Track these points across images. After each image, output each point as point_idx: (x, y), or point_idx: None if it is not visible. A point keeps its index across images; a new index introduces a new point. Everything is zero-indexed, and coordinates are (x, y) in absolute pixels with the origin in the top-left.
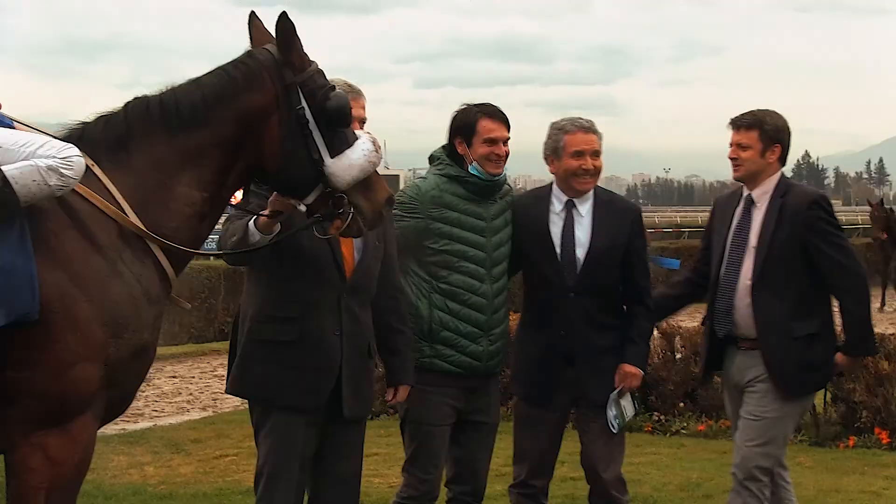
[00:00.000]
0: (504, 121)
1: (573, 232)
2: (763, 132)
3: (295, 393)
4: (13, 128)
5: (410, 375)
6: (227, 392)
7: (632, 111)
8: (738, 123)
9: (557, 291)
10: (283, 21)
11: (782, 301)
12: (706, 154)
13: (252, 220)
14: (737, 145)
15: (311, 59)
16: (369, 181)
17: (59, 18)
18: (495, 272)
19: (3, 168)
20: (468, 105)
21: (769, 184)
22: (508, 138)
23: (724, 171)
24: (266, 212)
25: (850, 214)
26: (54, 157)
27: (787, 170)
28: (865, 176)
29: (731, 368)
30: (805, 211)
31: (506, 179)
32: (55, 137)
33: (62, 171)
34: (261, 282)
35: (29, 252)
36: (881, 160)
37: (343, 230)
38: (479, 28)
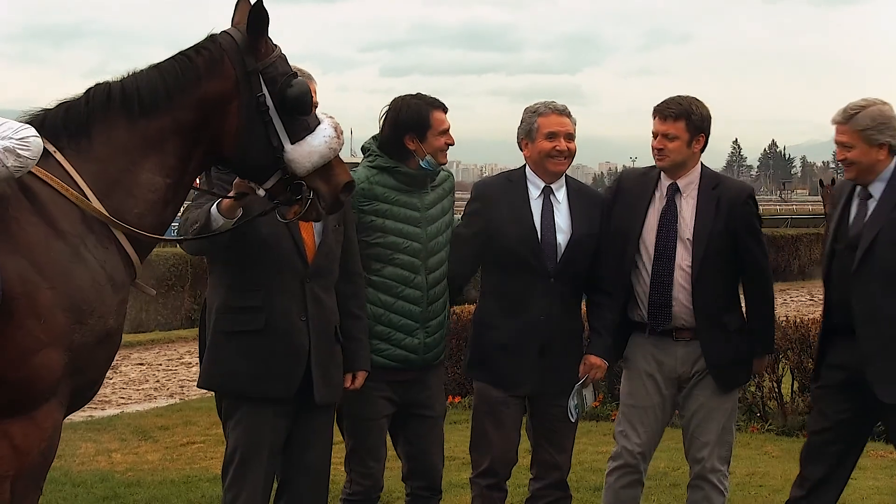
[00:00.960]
0: (447, 110)
1: (553, 218)
2: (690, 122)
3: (265, 383)
4: None
5: (368, 362)
6: (198, 386)
7: (598, 100)
8: (665, 113)
9: (538, 276)
10: (259, 8)
11: (718, 294)
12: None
13: (215, 205)
14: (663, 135)
15: (275, 44)
16: (329, 166)
17: (25, 4)
18: (431, 263)
19: None
20: (406, 99)
21: (694, 174)
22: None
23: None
24: (231, 193)
25: (818, 205)
26: (10, 137)
27: (753, 159)
28: (832, 165)
29: (665, 358)
30: (741, 206)
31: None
32: (12, 121)
33: (19, 151)
34: (224, 272)
35: None
36: None
37: (302, 214)
38: (445, 16)
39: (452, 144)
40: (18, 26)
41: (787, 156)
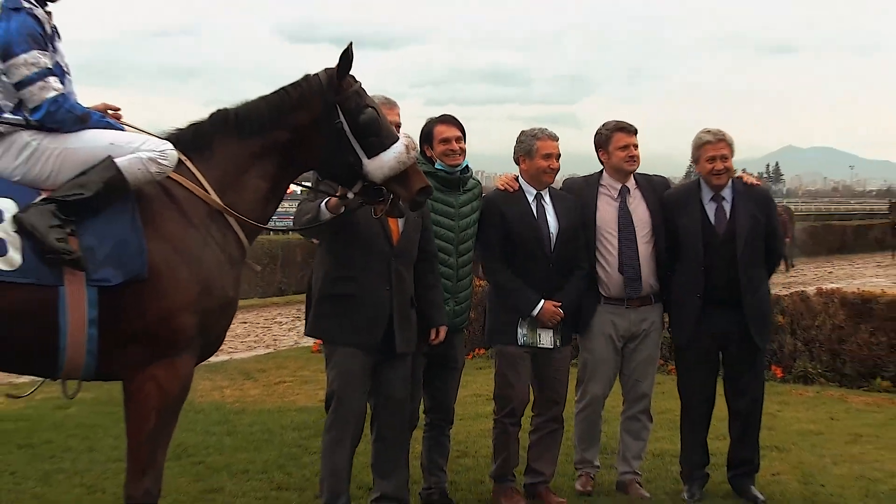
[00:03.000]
0: (454, 123)
1: (546, 217)
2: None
3: (354, 335)
4: (123, 130)
5: (445, 319)
6: (305, 334)
7: (590, 124)
8: (632, 130)
9: (540, 262)
10: (347, 52)
11: (662, 266)
12: (648, 157)
13: (324, 203)
14: (633, 146)
15: (356, 80)
16: (406, 174)
17: (158, 48)
18: (462, 248)
19: (117, 160)
20: (429, 119)
21: (631, 177)
22: (460, 136)
23: (660, 170)
24: (338, 194)
25: None
26: (153, 150)
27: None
28: (766, 175)
29: (619, 321)
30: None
31: (471, 175)
32: (155, 136)
33: (160, 161)
34: (329, 250)
35: (139, 228)
36: (777, 164)
37: (386, 212)
38: (474, 60)
39: (452, 151)
40: (154, 66)
41: None
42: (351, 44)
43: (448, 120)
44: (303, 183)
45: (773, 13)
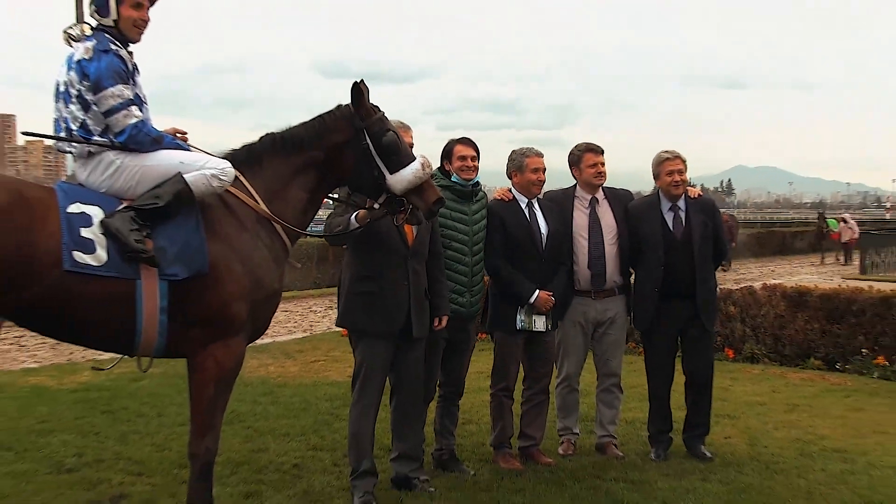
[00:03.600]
0: (471, 144)
1: (537, 222)
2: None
3: (377, 324)
4: (190, 150)
5: (448, 310)
6: (336, 325)
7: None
8: (599, 150)
9: (534, 260)
10: (354, 88)
11: (625, 265)
12: (621, 174)
13: (353, 216)
14: (600, 164)
15: (379, 108)
16: (422, 187)
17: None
18: (475, 249)
19: (185, 176)
20: (451, 139)
21: (600, 189)
22: (475, 155)
23: (630, 185)
24: (366, 206)
25: None
26: (215, 167)
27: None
28: (720, 189)
29: (588, 310)
30: (629, 202)
31: (481, 188)
32: (215, 156)
33: (220, 177)
34: (355, 253)
35: (201, 232)
36: (729, 180)
37: (406, 220)
38: (478, 92)
39: (467, 167)
40: (211, 98)
41: (691, 183)
42: (361, 80)
43: (466, 141)
44: (335, 196)
45: (726, 55)
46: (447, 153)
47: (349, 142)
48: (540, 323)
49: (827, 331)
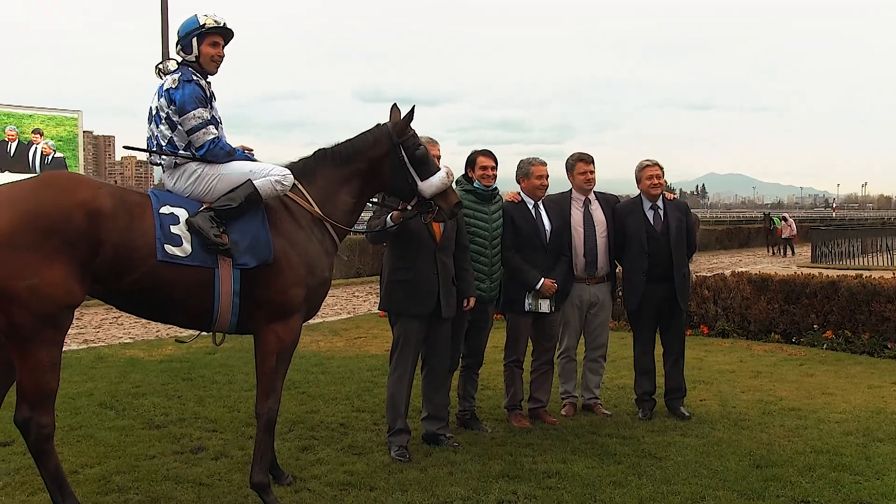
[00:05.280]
0: (491, 156)
1: (542, 220)
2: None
3: (413, 307)
4: (256, 162)
5: (474, 291)
6: (378, 308)
7: None
8: (590, 159)
9: (540, 252)
10: (393, 109)
11: (611, 256)
12: (610, 181)
13: (389, 217)
14: (590, 172)
15: (411, 126)
16: (445, 193)
17: (271, 109)
18: (493, 243)
19: (254, 182)
20: (474, 150)
21: (592, 193)
22: (495, 165)
23: (618, 191)
24: (399, 208)
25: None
26: (278, 175)
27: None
28: (695, 193)
29: (582, 294)
30: (615, 204)
31: (498, 192)
32: (280, 166)
33: (283, 182)
34: (393, 247)
35: (267, 228)
36: (703, 185)
37: (433, 218)
38: (492, 113)
39: (487, 175)
40: (270, 120)
41: (670, 188)
42: (394, 104)
43: (487, 153)
44: (374, 199)
45: (697, 82)
46: (471, 162)
47: (388, 154)
48: (545, 305)
49: (785, 310)
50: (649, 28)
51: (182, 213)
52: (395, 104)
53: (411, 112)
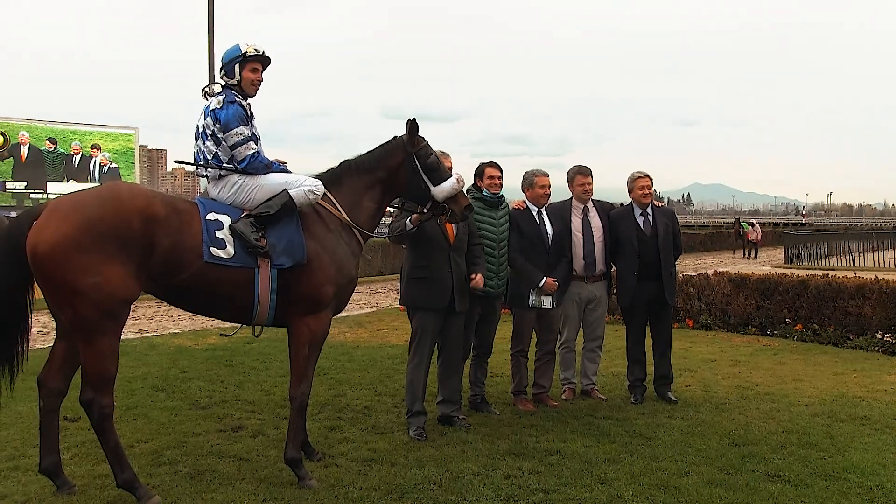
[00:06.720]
0: (497, 167)
1: (545, 225)
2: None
3: (429, 301)
4: (291, 173)
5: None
6: (399, 303)
7: None
8: (588, 172)
9: (542, 254)
10: (410, 123)
11: (607, 257)
12: (607, 189)
13: (408, 219)
14: (588, 184)
15: (424, 139)
16: (456, 197)
17: (303, 125)
18: (501, 245)
19: (289, 191)
20: (482, 162)
21: (590, 201)
22: (501, 175)
23: (613, 199)
24: (416, 212)
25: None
26: (311, 185)
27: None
28: (681, 202)
29: (581, 291)
30: (610, 210)
31: (504, 200)
32: (311, 177)
33: (315, 191)
34: (412, 248)
35: (301, 232)
36: (688, 194)
37: (446, 220)
38: (501, 129)
39: (494, 184)
40: (302, 135)
41: (659, 196)
42: (410, 119)
43: (494, 164)
44: (394, 205)
45: (684, 99)
46: (479, 173)
47: (403, 163)
48: (547, 301)
49: (761, 306)
50: (642, 50)
51: (226, 220)
52: (409, 119)
53: (411, 124)
